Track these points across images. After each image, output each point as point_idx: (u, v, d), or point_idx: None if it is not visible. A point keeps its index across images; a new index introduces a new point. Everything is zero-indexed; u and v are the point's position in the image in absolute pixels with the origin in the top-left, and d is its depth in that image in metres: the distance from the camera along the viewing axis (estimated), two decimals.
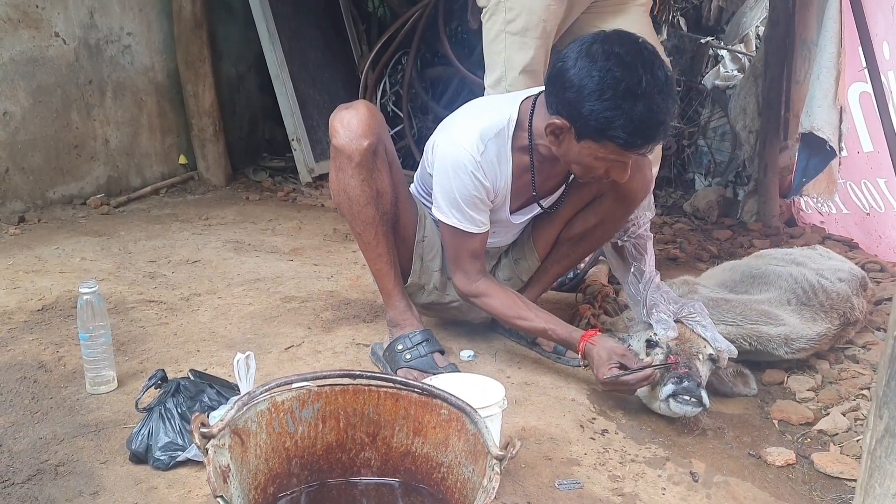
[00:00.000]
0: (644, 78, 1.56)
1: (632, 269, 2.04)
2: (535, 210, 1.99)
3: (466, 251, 1.89)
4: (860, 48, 2.78)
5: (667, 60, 1.72)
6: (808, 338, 2.06)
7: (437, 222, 1.93)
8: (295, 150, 4.31)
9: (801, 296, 2.15)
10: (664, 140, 1.70)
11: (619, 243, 2.10)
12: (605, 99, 1.58)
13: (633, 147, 1.63)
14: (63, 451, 1.54)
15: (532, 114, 1.80)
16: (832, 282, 2.21)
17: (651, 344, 1.85)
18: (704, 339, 1.84)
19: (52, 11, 3.34)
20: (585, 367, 1.88)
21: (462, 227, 1.84)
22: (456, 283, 1.96)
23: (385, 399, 1.32)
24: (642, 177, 1.93)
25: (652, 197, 2.11)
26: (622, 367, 1.76)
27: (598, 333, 1.85)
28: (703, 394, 1.72)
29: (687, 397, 1.71)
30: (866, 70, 2.78)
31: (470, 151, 1.77)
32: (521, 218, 2.00)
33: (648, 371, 1.73)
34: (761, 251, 2.63)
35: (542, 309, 1.95)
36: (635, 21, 2.39)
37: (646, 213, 2.09)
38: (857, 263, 2.66)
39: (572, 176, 1.95)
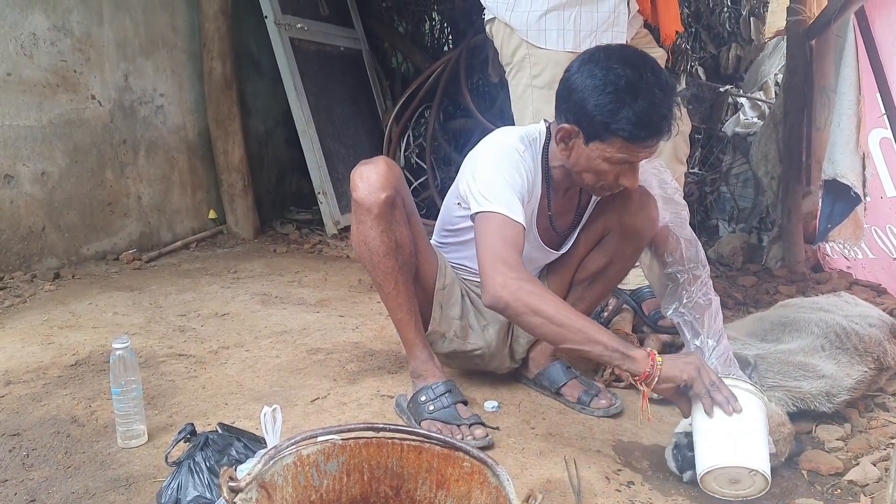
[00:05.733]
0: (645, 75, 1.65)
1: (697, 344, 1.90)
2: (553, 254, 2.05)
3: (510, 244, 1.69)
4: (878, 95, 2.81)
5: (684, 111, 1.76)
6: (847, 388, 2.04)
7: (473, 224, 1.80)
8: (321, 202, 4.40)
9: (834, 340, 2.13)
10: (667, 137, 1.68)
11: (676, 319, 1.98)
12: (608, 93, 1.64)
13: (638, 140, 1.67)
14: None
15: (548, 138, 1.88)
16: (863, 326, 2.20)
17: None
18: None
19: (89, 76, 3.49)
20: (635, 380, 1.62)
21: (507, 214, 1.70)
22: (495, 283, 1.65)
23: (408, 452, 1.34)
24: (646, 214, 1.96)
25: (701, 249, 2.02)
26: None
27: None
28: None
29: (679, 458, 1.72)
30: (885, 116, 2.80)
31: (515, 146, 1.83)
32: (548, 249, 2.03)
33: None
34: (787, 301, 2.62)
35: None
36: None
37: (699, 268, 1.97)
38: (885, 309, 2.64)
39: (583, 218, 2.01)
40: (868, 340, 2.14)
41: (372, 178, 1.82)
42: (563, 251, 2.07)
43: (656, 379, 1.59)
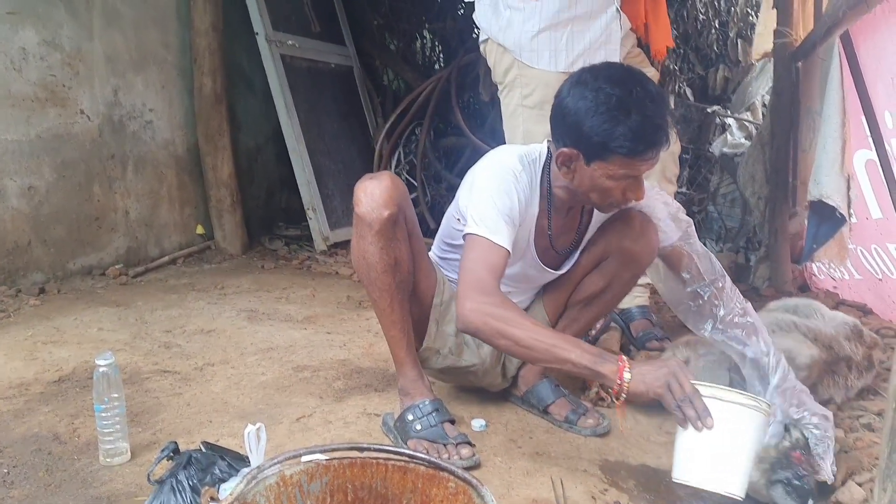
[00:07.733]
0: (634, 90, 1.67)
1: (748, 358, 1.87)
2: (552, 274, 2.04)
3: (489, 268, 1.72)
4: (863, 117, 2.83)
5: (674, 130, 1.77)
6: (807, 356, 2.04)
7: (463, 242, 1.84)
8: (310, 218, 4.39)
9: (784, 327, 2.16)
10: (666, 147, 1.70)
11: (717, 337, 1.94)
12: (601, 113, 1.66)
13: (638, 154, 1.68)
14: None
15: (549, 158, 1.89)
16: (815, 323, 2.22)
17: (787, 430, 1.76)
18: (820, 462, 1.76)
19: (78, 90, 3.48)
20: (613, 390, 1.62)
21: (490, 238, 1.73)
22: (465, 308, 1.70)
23: (393, 472, 1.33)
24: (646, 240, 1.96)
25: (715, 259, 2.00)
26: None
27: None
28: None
29: (795, 496, 1.66)
30: (870, 138, 2.83)
31: (512, 166, 1.84)
32: (547, 268, 2.02)
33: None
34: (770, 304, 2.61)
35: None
36: None
37: (719, 279, 1.94)
38: (871, 329, 2.64)
39: (584, 238, 2.01)
40: (818, 331, 2.15)
41: (375, 193, 1.81)
42: (562, 271, 2.07)
43: (623, 395, 1.62)
